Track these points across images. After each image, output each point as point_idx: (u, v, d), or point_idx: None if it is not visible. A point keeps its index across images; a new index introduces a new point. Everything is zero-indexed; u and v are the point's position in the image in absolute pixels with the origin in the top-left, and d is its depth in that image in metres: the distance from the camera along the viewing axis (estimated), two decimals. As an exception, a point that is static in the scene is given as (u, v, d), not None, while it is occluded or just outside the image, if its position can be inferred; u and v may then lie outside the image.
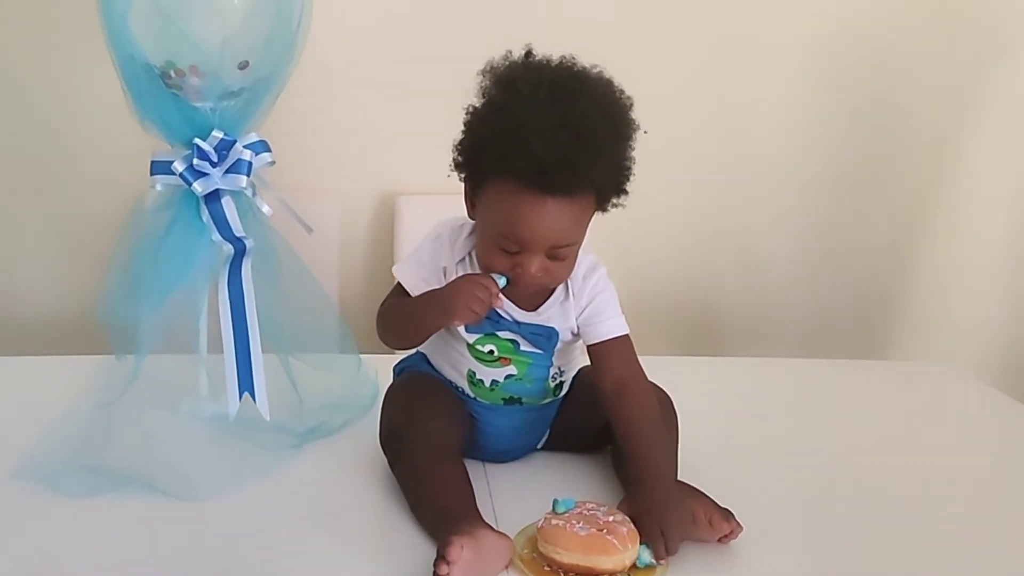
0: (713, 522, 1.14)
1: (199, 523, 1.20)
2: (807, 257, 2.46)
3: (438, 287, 1.28)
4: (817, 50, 2.32)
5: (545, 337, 1.30)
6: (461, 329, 1.28)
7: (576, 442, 1.39)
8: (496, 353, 1.30)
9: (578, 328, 1.32)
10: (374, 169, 2.28)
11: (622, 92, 1.22)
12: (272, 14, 1.36)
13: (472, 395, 1.33)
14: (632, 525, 1.10)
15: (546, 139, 1.14)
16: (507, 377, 1.31)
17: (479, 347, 1.30)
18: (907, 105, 2.37)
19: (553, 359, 1.33)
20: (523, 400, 1.33)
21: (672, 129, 2.30)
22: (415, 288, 1.31)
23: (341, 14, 2.04)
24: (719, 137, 2.36)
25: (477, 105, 1.24)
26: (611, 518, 1.10)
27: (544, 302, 1.31)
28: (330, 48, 1.86)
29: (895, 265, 2.48)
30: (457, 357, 1.32)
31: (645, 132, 1.23)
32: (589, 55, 1.24)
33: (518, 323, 1.29)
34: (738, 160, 2.39)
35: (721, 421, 1.54)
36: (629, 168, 1.24)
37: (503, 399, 1.32)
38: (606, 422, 1.32)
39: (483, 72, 1.24)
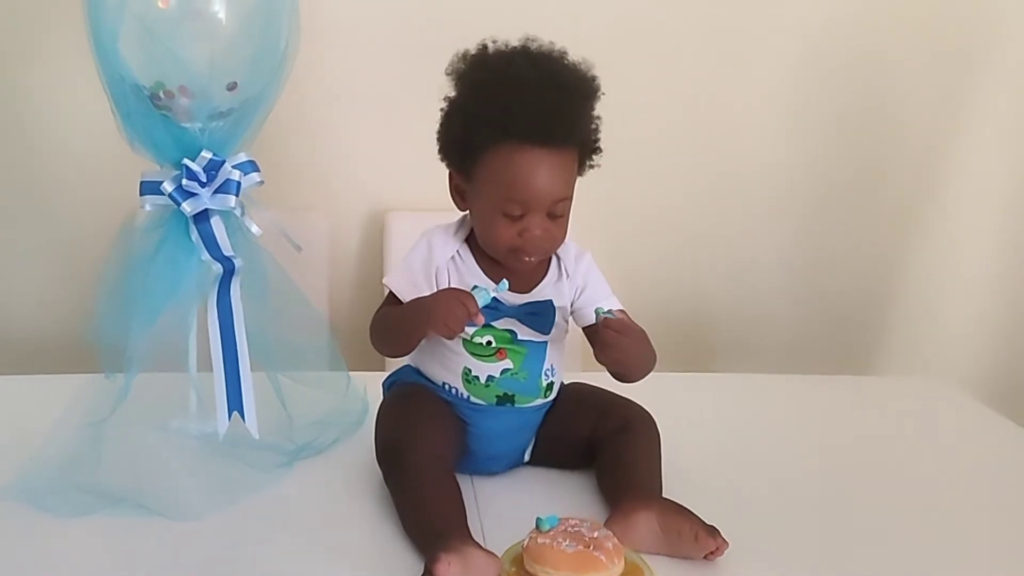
0: (699, 538, 1.15)
1: (190, 543, 1.20)
2: (796, 269, 2.46)
3: (425, 295, 1.31)
4: (807, 60, 2.33)
5: (542, 315, 1.33)
6: None
7: (562, 456, 1.41)
8: (494, 344, 1.32)
9: (573, 310, 1.36)
10: (363, 186, 2.29)
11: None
12: (260, 35, 1.37)
13: (466, 394, 1.34)
14: (616, 540, 1.11)
15: (537, 95, 1.23)
16: (503, 372, 1.33)
17: (476, 339, 1.32)
18: (896, 116, 2.38)
19: (547, 352, 1.34)
20: (516, 398, 1.34)
21: (658, 138, 2.33)
22: (405, 294, 1.34)
23: (328, 33, 2.05)
24: (706, 147, 2.37)
25: (453, 94, 1.31)
26: (596, 534, 1.10)
27: (539, 283, 1.35)
28: (317, 66, 1.87)
29: (885, 275, 2.49)
30: (452, 356, 1.34)
31: (603, 94, 1.31)
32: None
33: (515, 307, 1.32)
34: (725, 171, 2.39)
35: (708, 438, 1.54)
36: (599, 126, 1.33)
37: (497, 396, 1.33)
38: (589, 436, 1.37)
39: (449, 72, 1.31)
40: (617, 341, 1.27)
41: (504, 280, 1.28)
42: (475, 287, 1.28)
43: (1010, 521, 1.36)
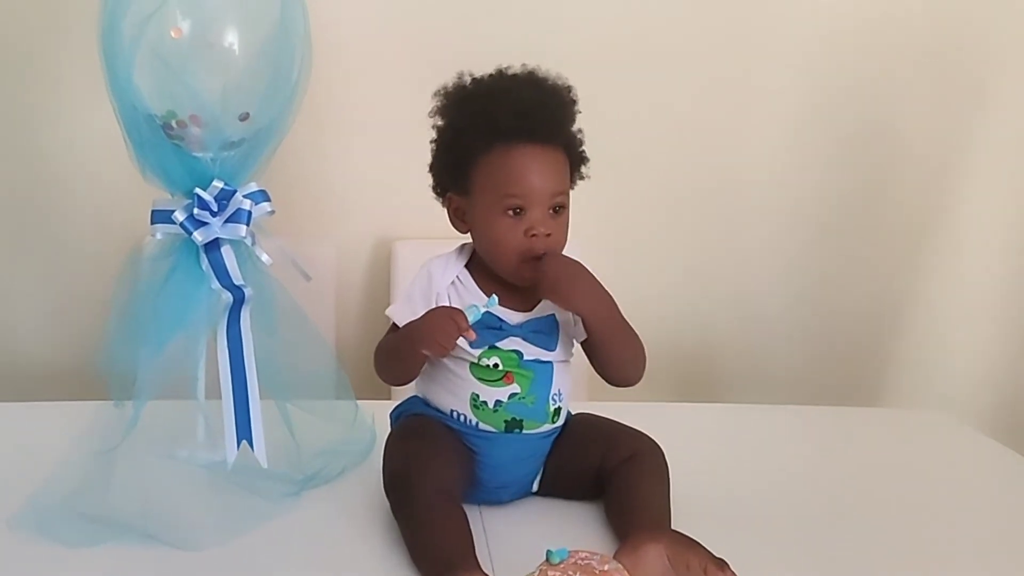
0: (708, 571, 1.14)
1: (197, 572, 1.20)
2: (800, 299, 2.47)
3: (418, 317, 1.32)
4: (810, 86, 2.34)
5: (546, 332, 1.35)
6: (465, 346, 1.31)
7: (570, 487, 1.41)
8: (501, 367, 1.33)
9: (575, 321, 1.36)
10: (370, 214, 2.30)
11: None
12: (273, 66, 1.39)
13: (475, 421, 1.34)
14: (627, 573, 1.10)
15: (521, 96, 1.30)
16: (510, 396, 1.33)
17: (483, 361, 1.33)
18: (902, 144, 2.39)
19: (554, 376, 1.35)
20: (524, 424, 1.34)
21: (660, 165, 2.34)
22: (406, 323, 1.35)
23: (336, 63, 2.06)
24: (709, 175, 2.38)
25: (440, 123, 1.37)
26: (606, 567, 1.10)
27: (540, 300, 1.36)
28: (325, 96, 1.88)
29: (891, 306, 2.48)
30: (459, 383, 1.34)
31: (580, 112, 1.37)
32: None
33: (519, 325, 1.33)
34: (727, 200, 2.40)
35: (715, 470, 1.54)
36: (582, 139, 1.37)
37: (505, 421, 1.34)
38: (598, 467, 1.36)
39: (432, 112, 1.38)
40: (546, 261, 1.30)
41: (493, 296, 1.30)
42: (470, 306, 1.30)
43: (1018, 554, 1.36)
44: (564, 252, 1.35)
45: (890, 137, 2.39)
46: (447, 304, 1.34)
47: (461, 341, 1.30)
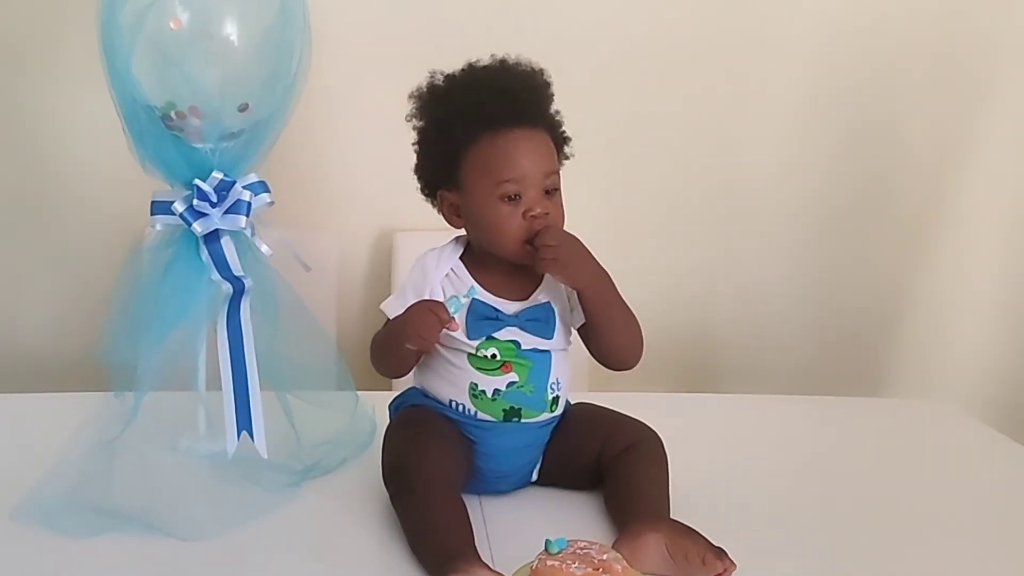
0: (706, 561, 1.15)
1: (198, 562, 1.21)
2: (803, 291, 2.47)
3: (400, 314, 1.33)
4: (814, 82, 2.34)
5: (544, 320, 1.34)
6: (463, 337, 1.32)
7: (569, 476, 1.41)
8: (498, 357, 1.33)
9: (572, 307, 1.36)
10: (371, 206, 2.30)
11: None
12: (272, 57, 1.38)
13: (473, 410, 1.34)
14: (626, 563, 1.11)
15: (498, 83, 1.32)
16: (509, 385, 1.33)
17: (481, 352, 1.33)
18: (905, 138, 2.39)
19: (552, 365, 1.35)
20: (522, 413, 1.34)
21: (664, 159, 2.34)
22: None
23: (337, 53, 2.06)
24: (713, 168, 2.38)
25: (420, 123, 1.38)
26: (605, 556, 1.10)
27: (535, 289, 1.36)
28: (326, 86, 1.88)
29: (893, 298, 2.48)
30: (457, 373, 1.34)
31: (554, 94, 1.38)
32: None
33: (515, 315, 1.33)
34: (731, 193, 2.40)
35: (715, 459, 1.54)
36: (562, 120, 1.39)
37: (504, 410, 1.34)
38: (597, 456, 1.37)
39: (408, 115, 1.38)
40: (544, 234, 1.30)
41: (473, 286, 1.32)
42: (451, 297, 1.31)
43: (1018, 543, 1.36)
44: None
45: (892, 134, 2.38)
46: (441, 298, 1.34)
47: (459, 333, 1.31)
